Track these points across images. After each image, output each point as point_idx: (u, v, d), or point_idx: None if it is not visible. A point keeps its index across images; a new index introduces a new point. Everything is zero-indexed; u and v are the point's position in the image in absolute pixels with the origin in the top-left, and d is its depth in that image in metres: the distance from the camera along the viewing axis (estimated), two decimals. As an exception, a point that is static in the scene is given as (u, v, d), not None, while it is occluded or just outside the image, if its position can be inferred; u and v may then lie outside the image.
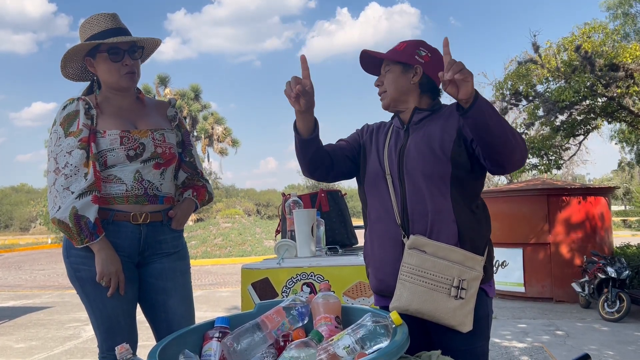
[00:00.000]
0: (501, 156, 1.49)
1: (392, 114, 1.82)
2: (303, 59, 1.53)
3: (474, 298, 1.55)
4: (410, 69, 1.73)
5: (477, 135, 1.47)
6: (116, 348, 1.11)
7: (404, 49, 1.75)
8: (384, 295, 1.70)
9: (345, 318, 1.34)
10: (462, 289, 1.52)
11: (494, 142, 1.45)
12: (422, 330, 1.64)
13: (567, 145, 9.09)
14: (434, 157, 1.61)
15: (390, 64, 1.76)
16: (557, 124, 8.46)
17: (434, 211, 1.59)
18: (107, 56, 1.93)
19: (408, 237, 1.60)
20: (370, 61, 1.81)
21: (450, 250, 1.55)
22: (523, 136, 8.91)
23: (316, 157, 1.71)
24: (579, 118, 8.38)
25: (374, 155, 1.75)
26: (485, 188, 1.85)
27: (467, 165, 1.62)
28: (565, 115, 8.24)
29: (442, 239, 1.57)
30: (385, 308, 1.68)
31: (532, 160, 8.85)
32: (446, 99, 1.82)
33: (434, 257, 1.55)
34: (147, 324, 2.07)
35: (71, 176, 1.85)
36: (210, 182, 2.28)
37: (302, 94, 1.54)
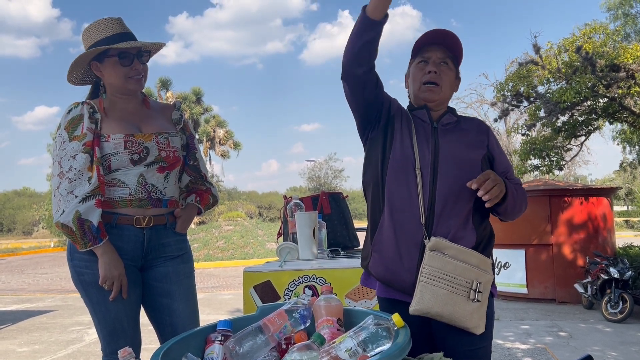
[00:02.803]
0: (508, 218, 1.72)
1: (410, 106, 1.79)
2: None
3: (487, 300, 1.58)
4: (457, 79, 1.79)
5: (494, 210, 1.66)
6: (119, 352, 1.12)
7: (461, 50, 1.74)
8: (391, 286, 1.66)
9: (347, 320, 1.34)
10: (479, 291, 1.54)
11: (506, 213, 1.68)
12: (426, 332, 1.64)
13: (568, 146, 9.07)
14: (469, 165, 1.64)
15: (451, 61, 1.73)
16: (559, 124, 8.46)
17: (459, 216, 1.60)
18: (116, 60, 1.94)
19: (429, 238, 1.58)
20: (433, 42, 1.71)
21: (469, 254, 1.56)
22: (524, 137, 8.94)
23: (371, 47, 1.59)
24: (580, 119, 8.37)
25: (405, 142, 1.68)
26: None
27: None
28: (567, 116, 8.23)
29: (462, 244, 1.58)
30: (389, 299, 1.67)
31: (534, 161, 8.84)
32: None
33: (454, 259, 1.54)
34: (151, 327, 2.08)
35: (75, 180, 1.86)
36: (214, 185, 2.28)
37: None
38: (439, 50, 1.70)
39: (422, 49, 1.73)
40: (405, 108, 1.80)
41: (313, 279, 2.18)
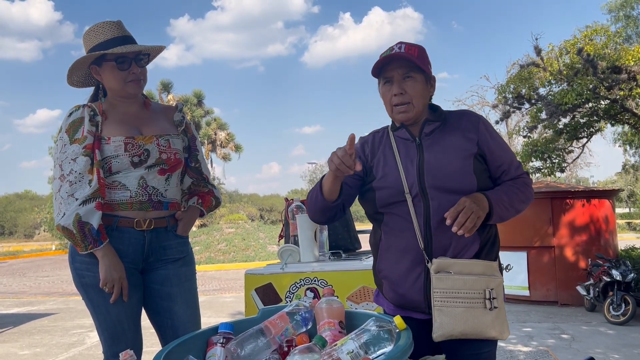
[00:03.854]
0: (504, 221, 1.67)
1: (392, 126, 1.73)
2: (352, 139, 1.45)
3: (503, 304, 1.56)
4: (429, 79, 1.68)
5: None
6: (120, 354, 1.11)
7: (420, 55, 1.63)
8: (405, 308, 1.65)
9: (349, 323, 1.34)
10: (493, 298, 1.52)
11: (497, 222, 1.64)
12: (428, 335, 1.63)
13: (570, 148, 9.07)
14: (459, 171, 1.58)
15: (415, 72, 1.62)
16: (560, 126, 8.46)
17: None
18: (114, 65, 1.94)
19: (431, 260, 1.56)
20: (388, 62, 1.63)
21: (473, 265, 1.54)
22: (526, 139, 8.93)
23: (333, 215, 1.70)
24: (582, 121, 8.37)
25: (388, 171, 1.64)
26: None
27: (487, 178, 1.64)
28: (568, 118, 8.24)
29: (466, 255, 1.57)
30: (402, 317, 1.65)
31: (536, 163, 8.84)
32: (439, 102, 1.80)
33: (461, 275, 1.53)
34: (153, 330, 2.08)
35: (75, 183, 1.86)
36: (216, 187, 2.28)
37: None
38: (399, 68, 1.61)
39: (382, 69, 1.65)
40: (388, 128, 1.75)
41: (314, 281, 2.18)
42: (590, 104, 7.77)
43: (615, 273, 6.25)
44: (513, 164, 1.67)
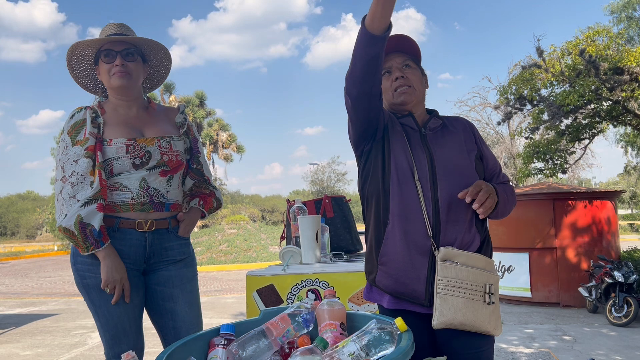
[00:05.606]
0: (498, 219, 1.75)
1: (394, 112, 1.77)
2: None
3: (498, 301, 1.61)
4: (424, 76, 1.79)
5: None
6: (122, 356, 1.12)
7: (417, 49, 1.74)
8: (402, 298, 1.64)
9: (350, 325, 1.34)
10: (492, 293, 1.56)
11: (496, 216, 1.71)
12: (424, 330, 1.63)
13: (572, 149, 9.06)
14: (464, 169, 1.65)
15: (414, 62, 1.73)
16: (562, 128, 8.44)
17: (464, 221, 1.60)
18: (102, 59, 1.97)
19: (438, 248, 1.57)
20: (389, 51, 1.68)
21: (476, 258, 1.57)
22: (528, 140, 8.93)
23: (376, 63, 1.50)
24: (584, 122, 8.36)
25: (403, 153, 1.66)
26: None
27: (483, 179, 1.71)
28: (570, 119, 8.22)
29: (470, 249, 1.60)
30: (400, 311, 1.64)
31: (538, 164, 8.83)
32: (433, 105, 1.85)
33: (465, 266, 1.55)
34: (154, 331, 2.08)
35: (77, 184, 1.87)
36: (218, 188, 2.28)
37: None
38: (397, 57, 1.71)
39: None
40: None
41: (316, 282, 2.18)
42: (592, 105, 7.76)
43: (617, 274, 6.24)
44: (501, 170, 1.79)
